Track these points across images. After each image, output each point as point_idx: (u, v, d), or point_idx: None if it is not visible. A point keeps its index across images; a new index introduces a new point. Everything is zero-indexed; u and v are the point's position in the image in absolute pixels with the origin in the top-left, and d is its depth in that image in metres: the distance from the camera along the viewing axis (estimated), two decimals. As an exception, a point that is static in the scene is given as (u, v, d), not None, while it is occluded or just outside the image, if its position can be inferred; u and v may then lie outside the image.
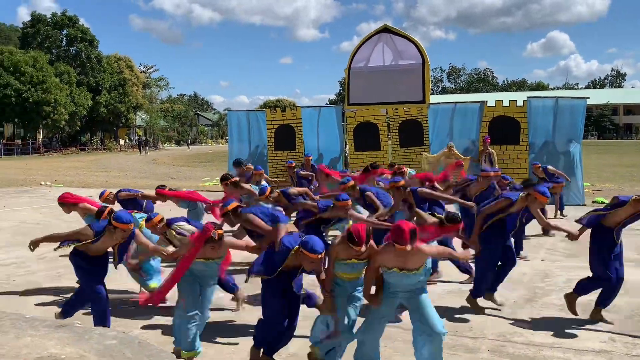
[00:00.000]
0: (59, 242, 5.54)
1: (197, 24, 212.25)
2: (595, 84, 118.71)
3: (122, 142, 68.47)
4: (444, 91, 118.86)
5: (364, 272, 4.72)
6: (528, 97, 16.18)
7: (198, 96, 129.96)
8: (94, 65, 59.24)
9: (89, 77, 58.40)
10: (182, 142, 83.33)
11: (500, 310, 6.32)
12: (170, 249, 5.72)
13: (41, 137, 58.52)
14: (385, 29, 17.62)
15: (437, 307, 6.31)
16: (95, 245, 5.33)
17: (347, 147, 18.10)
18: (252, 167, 11.53)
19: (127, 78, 64.39)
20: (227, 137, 24.49)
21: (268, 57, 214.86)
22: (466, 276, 7.36)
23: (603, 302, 5.95)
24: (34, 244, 5.50)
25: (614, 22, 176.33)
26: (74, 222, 7.73)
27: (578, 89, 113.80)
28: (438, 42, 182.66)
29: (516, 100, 16.16)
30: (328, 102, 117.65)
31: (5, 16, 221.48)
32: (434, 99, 41.73)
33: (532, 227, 11.51)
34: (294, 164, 14.13)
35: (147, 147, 58.93)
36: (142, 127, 79.39)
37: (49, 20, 58.87)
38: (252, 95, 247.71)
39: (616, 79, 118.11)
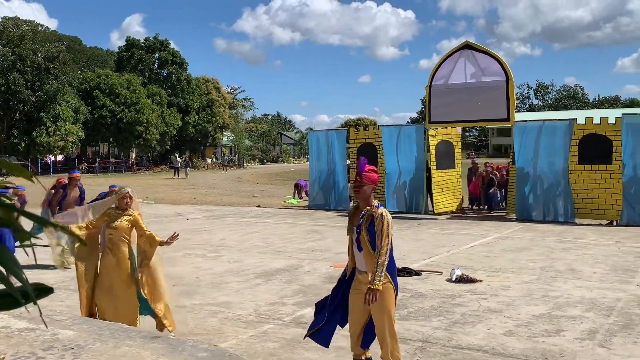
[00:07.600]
0: None
1: (278, 44, 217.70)
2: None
3: (209, 160, 70.74)
4: (532, 108, 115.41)
5: None
6: (623, 114, 15.41)
7: (281, 116, 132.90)
8: (184, 87, 61.74)
9: (179, 98, 60.90)
10: (265, 160, 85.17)
11: (592, 337, 6.06)
12: None
13: (133, 155, 61.41)
14: (467, 46, 17.28)
15: (527, 332, 6.14)
16: None
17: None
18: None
19: (214, 99, 66.66)
20: (308, 156, 25.01)
21: (347, 76, 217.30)
22: None
23: None
24: None
25: None
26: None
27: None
28: (523, 58, 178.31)
29: (608, 118, 15.45)
30: (409, 120, 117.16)
31: (100, 41, 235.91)
32: (521, 116, 40.43)
33: (626, 253, 10.94)
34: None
35: (227, 166, 62.78)
36: (227, 147, 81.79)
37: (142, 44, 61.73)
38: (332, 114, 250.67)
39: None
